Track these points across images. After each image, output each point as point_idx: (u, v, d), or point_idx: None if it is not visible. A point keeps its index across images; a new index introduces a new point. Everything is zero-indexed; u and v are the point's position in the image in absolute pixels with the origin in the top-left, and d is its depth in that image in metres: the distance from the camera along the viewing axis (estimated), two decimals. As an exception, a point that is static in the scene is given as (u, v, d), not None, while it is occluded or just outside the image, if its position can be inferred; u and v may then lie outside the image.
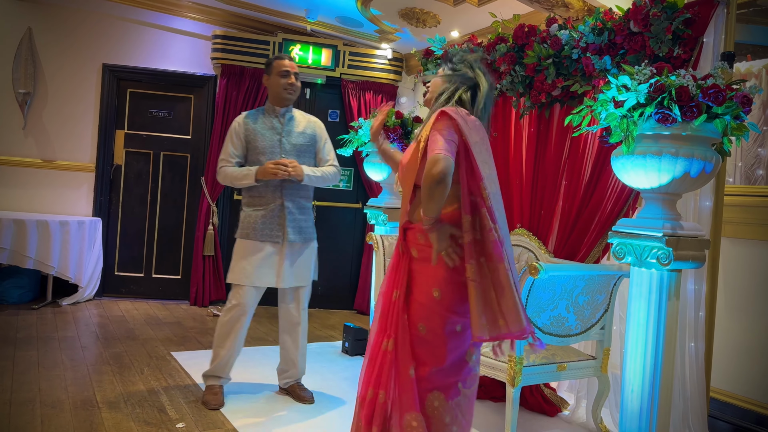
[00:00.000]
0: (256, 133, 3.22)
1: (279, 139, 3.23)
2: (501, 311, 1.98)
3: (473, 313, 1.99)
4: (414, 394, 2.04)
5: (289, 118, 3.30)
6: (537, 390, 3.36)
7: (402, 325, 2.09)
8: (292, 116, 3.32)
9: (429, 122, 2.09)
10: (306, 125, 3.34)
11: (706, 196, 2.72)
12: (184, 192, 5.71)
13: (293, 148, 3.25)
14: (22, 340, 3.98)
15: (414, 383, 2.05)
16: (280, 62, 3.24)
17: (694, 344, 2.71)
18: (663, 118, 2.25)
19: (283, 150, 3.22)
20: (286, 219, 3.19)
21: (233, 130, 3.25)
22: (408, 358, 2.07)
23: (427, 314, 2.08)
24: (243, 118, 3.28)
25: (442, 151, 1.95)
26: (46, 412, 2.84)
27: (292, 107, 3.36)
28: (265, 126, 3.24)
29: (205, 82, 5.69)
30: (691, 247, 2.39)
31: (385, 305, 2.16)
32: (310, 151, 3.33)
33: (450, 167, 1.94)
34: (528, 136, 3.57)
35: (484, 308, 1.98)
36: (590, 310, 2.93)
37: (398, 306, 2.11)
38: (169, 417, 2.90)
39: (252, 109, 3.35)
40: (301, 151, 3.28)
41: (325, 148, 3.38)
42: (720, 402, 3.17)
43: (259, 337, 4.56)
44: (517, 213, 3.63)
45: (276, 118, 3.27)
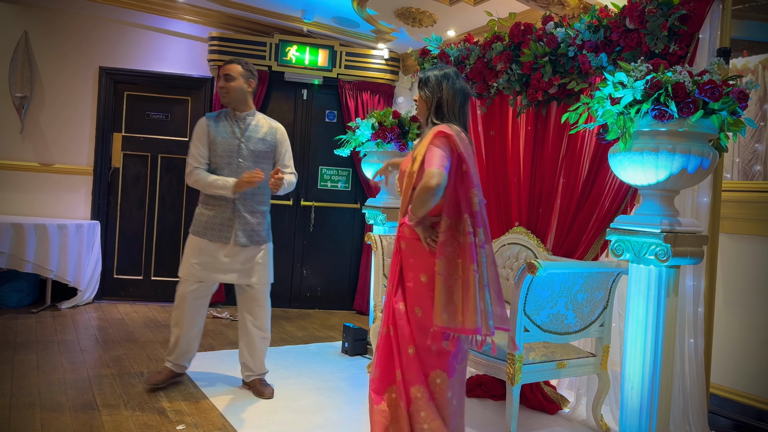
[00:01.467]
0: (217, 136, 3.25)
1: (238, 144, 3.25)
2: (462, 309, 2.23)
3: (436, 304, 2.27)
4: (417, 369, 2.32)
5: (249, 122, 3.31)
6: (537, 388, 3.36)
7: (396, 313, 2.39)
8: (253, 121, 3.33)
9: (426, 139, 2.35)
10: (267, 131, 3.34)
11: (704, 192, 2.73)
12: (182, 194, 5.70)
13: (251, 154, 3.26)
14: (22, 344, 3.97)
15: (414, 360, 2.33)
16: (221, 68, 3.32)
17: (694, 340, 2.71)
18: (660, 115, 2.25)
19: (240, 155, 3.24)
20: (236, 222, 3.24)
21: (200, 131, 3.28)
22: (406, 339, 2.35)
23: (419, 298, 2.36)
24: (206, 120, 3.31)
25: (439, 166, 2.24)
26: (47, 416, 2.84)
27: (256, 111, 3.37)
28: (226, 130, 3.26)
29: (202, 84, 5.68)
30: (689, 243, 2.39)
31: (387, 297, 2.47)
32: (268, 158, 3.34)
33: (444, 181, 2.24)
34: (525, 134, 3.57)
35: (447, 302, 2.25)
36: (589, 308, 2.93)
37: (390, 296, 2.43)
38: (170, 419, 2.89)
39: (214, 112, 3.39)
40: (259, 158, 3.29)
41: (285, 156, 3.39)
42: (720, 398, 3.17)
43: (259, 339, 4.56)
44: (515, 211, 3.63)
45: (236, 122, 3.29)
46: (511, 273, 3.56)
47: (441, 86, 2.44)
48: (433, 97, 2.44)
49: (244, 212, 3.25)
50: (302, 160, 5.84)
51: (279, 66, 5.66)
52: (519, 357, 2.71)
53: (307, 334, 4.86)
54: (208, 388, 3.36)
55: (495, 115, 3.73)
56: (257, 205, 3.31)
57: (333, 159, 5.77)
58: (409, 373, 2.33)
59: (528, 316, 2.74)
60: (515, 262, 3.54)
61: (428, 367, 2.33)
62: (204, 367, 3.73)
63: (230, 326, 4.91)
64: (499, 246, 3.69)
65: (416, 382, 2.31)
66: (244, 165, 3.24)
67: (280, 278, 5.85)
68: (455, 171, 2.31)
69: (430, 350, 2.33)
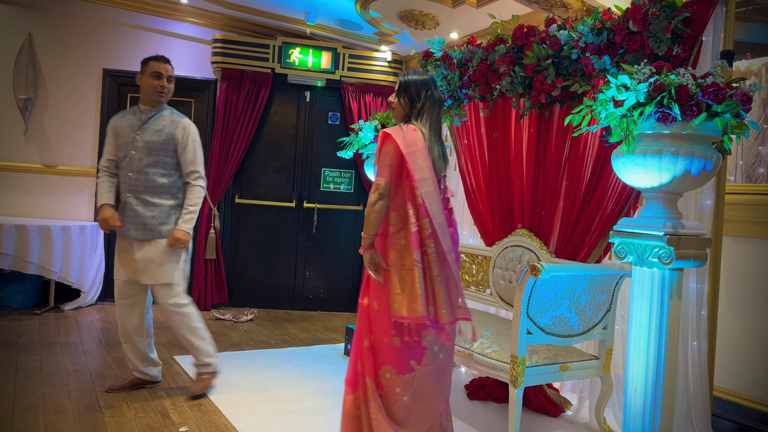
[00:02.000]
0: (119, 129, 3.26)
1: (134, 136, 3.21)
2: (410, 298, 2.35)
3: (390, 294, 2.40)
4: (369, 361, 2.44)
5: (151, 116, 3.25)
6: (540, 390, 3.36)
7: (360, 307, 2.54)
8: (157, 115, 3.27)
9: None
10: (166, 125, 3.25)
11: (707, 194, 2.72)
12: (185, 196, 5.70)
13: (145, 145, 3.19)
14: (25, 346, 3.98)
15: (368, 352, 2.45)
16: (154, 63, 3.29)
17: (697, 343, 2.71)
18: (663, 117, 2.25)
19: (135, 147, 3.19)
20: (126, 214, 3.19)
21: (108, 126, 3.32)
22: (363, 332, 2.49)
23: (378, 292, 2.48)
24: (116, 116, 3.33)
25: (379, 177, 2.44)
26: (50, 417, 2.85)
27: (167, 108, 3.32)
28: (127, 123, 3.26)
29: (206, 86, 5.70)
30: (692, 246, 2.38)
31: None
32: (165, 151, 3.22)
33: (385, 188, 2.43)
34: (528, 136, 3.57)
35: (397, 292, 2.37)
36: (592, 310, 2.92)
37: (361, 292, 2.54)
38: (172, 421, 2.90)
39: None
40: (153, 150, 3.20)
41: (186, 152, 3.26)
42: (723, 401, 3.16)
43: (262, 341, 4.56)
44: (518, 214, 3.63)
45: (137, 116, 3.27)
46: (514, 275, 3.56)
47: (420, 95, 2.53)
48: (412, 105, 2.53)
49: (134, 204, 3.18)
50: (305, 162, 5.84)
51: (282, 68, 5.67)
52: (522, 359, 2.71)
53: (310, 336, 4.86)
54: (210, 389, 3.36)
55: (498, 118, 3.73)
56: (152, 197, 3.19)
57: (336, 161, 5.78)
58: (363, 365, 2.46)
59: (531, 318, 2.73)
60: (518, 264, 3.54)
61: (380, 361, 2.44)
62: (207, 368, 3.73)
63: (233, 328, 4.92)
64: (501, 248, 3.69)
65: (368, 374, 2.43)
66: (137, 157, 3.18)
67: (283, 280, 5.86)
68: (398, 168, 2.44)
69: (383, 345, 2.43)
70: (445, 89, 3.93)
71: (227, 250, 5.76)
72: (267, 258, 5.84)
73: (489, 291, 3.81)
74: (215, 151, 5.49)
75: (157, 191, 3.21)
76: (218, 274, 5.60)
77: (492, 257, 3.76)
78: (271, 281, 5.86)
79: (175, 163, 3.26)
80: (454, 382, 3.80)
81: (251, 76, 5.57)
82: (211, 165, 5.51)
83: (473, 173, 3.95)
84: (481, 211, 3.91)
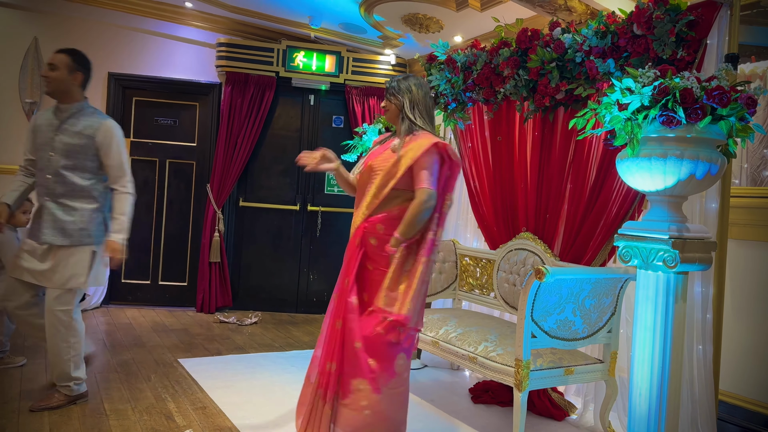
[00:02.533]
0: (37, 128, 3.10)
1: (52, 136, 3.05)
2: (402, 297, 2.48)
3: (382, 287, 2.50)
4: (360, 362, 2.47)
5: (71, 115, 3.07)
6: (544, 394, 3.35)
7: (348, 306, 2.53)
8: (76, 114, 3.08)
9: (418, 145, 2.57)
10: (87, 126, 3.05)
11: (712, 198, 2.72)
12: (189, 199, 5.73)
13: (64, 147, 3.02)
14: (30, 349, 3.99)
15: (359, 354, 2.47)
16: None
17: (702, 347, 2.70)
18: (667, 121, 2.25)
19: (53, 149, 3.02)
20: (42, 218, 3.01)
21: (29, 124, 3.17)
22: (354, 334, 2.49)
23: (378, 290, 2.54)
24: (37, 112, 3.16)
25: (432, 186, 2.53)
26: (55, 420, 2.85)
27: (89, 107, 3.14)
28: (46, 122, 3.09)
29: (210, 90, 5.72)
30: (697, 249, 2.38)
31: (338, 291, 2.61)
32: (85, 155, 3.04)
33: (435, 200, 2.54)
34: (532, 139, 3.57)
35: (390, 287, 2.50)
36: (597, 314, 2.92)
37: (345, 289, 2.56)
38: (177, 424, 2.90)
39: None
40: (72, 153, 3.02)
41: (110, 157, 3.07)
42: (729, 405, 3.15)
43: (267, 344, 4.57)
44: (522, 217, 3.63)
45: (56, 114, 3.09)
46: (518, 278, 3.55)
47: (411, 88, 2.70)
48: (405, 99, 2.68)
49: (53, 208, 3.00)
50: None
51: (286, 72, 5.68)
52: (526, 363, 2.70)
53: (314, 339, 4.86)
54: (215, 392, 3.37)
55: (502, 121, 3.73)
56: (72, 201, 3.01)
57: (340, 164, 5.78)
58: (349, 366, 2.49)
59: (535, 322, 2.73)
60: (522, 267, 3.53)
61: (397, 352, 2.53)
62: (211, 371, 3.74)
63: (237, 331, 4.93)
64: (506, 252, 3.69)
65: (358, 375, 2.48)
66: (54, 159, 3.00)
67: (287, 284, 5.86)
68: (443, 175, 2.61)
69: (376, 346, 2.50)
70: (449, 93, 3.93)
71: (231, 253, 5.77)
72: (271, 261, 5.85)
73: (493, 294, 3.81)
74: (220, 154, 5.50)
75: (77, 195, 3.03)
76: (222, 276, 5.61)
77: (496, 260, 3.76)
78: (275, 284, 5.87)
79: (97, 166, 3.07)
80: (459, 386, 3.80)
81: (256, 80, 5.59)
82: (215, 168, 5.53)
83: (477, 176, 3.96)
84: (485, 214, 3.91)
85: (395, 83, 2.73)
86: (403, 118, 2.69)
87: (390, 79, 2.79)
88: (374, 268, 2.60)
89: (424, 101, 2.71)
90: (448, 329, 3.31)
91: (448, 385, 3.80)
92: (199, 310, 5.53)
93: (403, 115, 2.69)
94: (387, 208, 2.62)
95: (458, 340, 3.18)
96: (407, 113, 2.68)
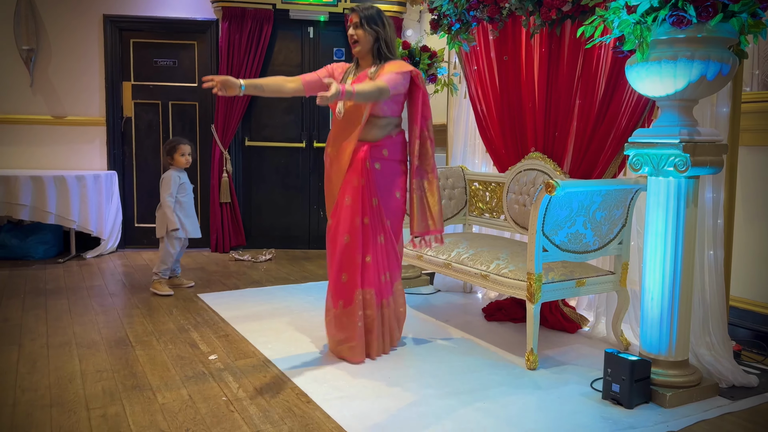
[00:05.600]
0: None
1: None
2: (432, 215, 2.92)
3: (414, 216, 2.92)
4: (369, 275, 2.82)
5: None
6: (556, 309, 3.42)
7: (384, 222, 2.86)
8: None
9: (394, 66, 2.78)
10: None
11: (723, 102, 2.67)
12: (195, 141, 5.71)
13: None
14: (52, 291, 4.09)
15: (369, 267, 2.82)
16: None
17: (713, 252, 2.72)
18: (677, 21, 2.19)
19: None
20: None
21: None
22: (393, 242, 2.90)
23: (394, 213, 2.90)
24: None
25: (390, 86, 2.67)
26: (83, 352, 2.95)
27: None
28: None
29: (207, 27, 5.60)
30: (708, 153, 2.37)
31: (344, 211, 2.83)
32: None
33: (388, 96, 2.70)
34: (539, 56, 3.50)
35: (421, 214, 2.92)
36: (608, 226, 2.94)
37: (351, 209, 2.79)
38: (201, 351, 3.00)
39: None
40: None
41: None
42: (740, 309, 3.20)
43: (282, 278, 4.65)
44: (531, 136, 3.60)
45: None
46: (528, 199, 3.56)
47: (385, 23, 2.83)
48: (382, 32, 2.82)
49: None
50: (312, 102, 5.79)
51: (283, 3, 5.54)
52: (538, 276, 2.74)
53: (328, 271, 4.93)
54: (236, 321, 3.46)
55: (507, 39, 3.65)
56: None
57: (344, 98, 5.71)
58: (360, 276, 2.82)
59: (546, 236, 2.75)
60: (532, 188, 3.53)
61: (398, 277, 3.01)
62: (230, 303, 3.83)
63: (252, 267, 5.01)
64: (515, 173, 3.68)
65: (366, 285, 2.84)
66: None
67: (298, 221, 5.91)
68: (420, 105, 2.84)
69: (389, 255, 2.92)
70: (453, 13, 3.83)
71: (241, 193, 5.80)
72: (281, 199, 5.88)
73: (503, 217, 3.83)
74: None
75: None
76: (234, 216, 5.66)
77: (506, 183, 3.76)
78: (287, 222, 5.91)
79: None
80: (472, 306, 3.87)
81: (252, 14, 5.46)
82: (218, 108, 5.48)
83: (484, 99, 3.91)
84: (492, 138, 3.88)
85: (372, 11, 2.82)
86: (378, 50, 2.84)
87: (357, 6, 2.86)
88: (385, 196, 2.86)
89: (393, 38, 2.89)
90: (460, 251, 3.35)
91: (462, 307, 3.88)
92: (214, 250, 5.61)
93: (379, 47, 2.84)
94: (386, 133, 2.88)
95: (470, 260, 3.22)
96: (383, 47, 2.84)
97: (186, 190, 4.20)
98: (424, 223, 2.92)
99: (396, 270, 2.97)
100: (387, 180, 2.87)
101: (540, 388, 2.60)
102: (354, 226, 2.79)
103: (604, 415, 2.33)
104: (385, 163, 2.87)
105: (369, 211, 2.82)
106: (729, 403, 2.47)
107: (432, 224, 2.92)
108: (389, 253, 2.91)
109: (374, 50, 2.85)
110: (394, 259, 2.94)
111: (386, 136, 2.88)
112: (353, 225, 2.79)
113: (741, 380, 2.62)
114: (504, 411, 2.36)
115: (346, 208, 2.81)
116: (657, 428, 2.24)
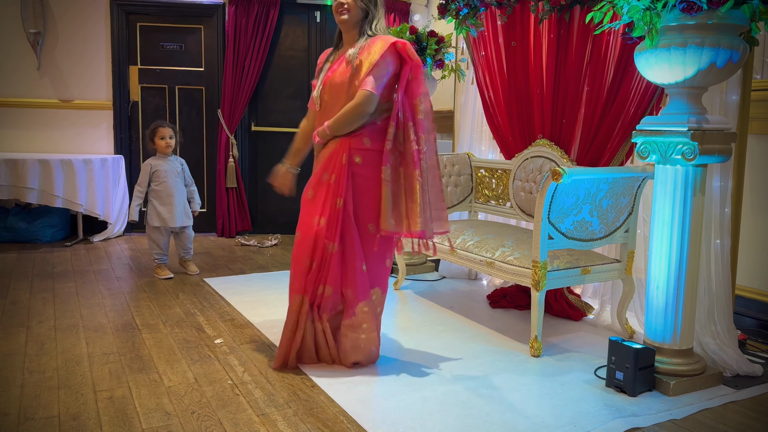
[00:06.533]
0: None
1: None
2: (407, 213, 2.45)
3: (383, 210, 2.47)
4: (366, 285, 2.53)
5: None
6: (561, 296, 3.42)
7: (349, 228, 2.50)
8: None
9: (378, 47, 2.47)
10: None
11: (733, 90, 2.65)
12: (201, 125, 5.71)
13: None
14: (60, 274, 4.12)
15: (366, 276, 2.53)
16: None
17: (720, 241, 2.70)
18: (688, 7, 2.17)
19: None
20: None
21: None
22: (359, 256, 2.51)
23: (375, 214, 2.53)
24: None
25: (374, 88, 2.43)
26: (90, 335, 2.98)
27: None
28: None
29: (214, 11, 5.58)
30: (717, 141, 2.35)
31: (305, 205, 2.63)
32: None
33: (374, 104, 2.45)
34: (548, 42, 3.47)
35: (393, 209, 2.47)
36: (614, 214, 2.93)
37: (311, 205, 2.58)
38: (207, 334, 3.02)
39: None
40: None
41: None
42: (745, 299, 3.20)
43: (288, 263, 4.66)
44: (538, 124, 3.58)
45: None
46: (534, 186, 3.55)
47: (378, 3, 2.58)
48: (374, 10, 2.56)
49: None
50: (319, 86, 5.77)
51: (291, -12, 5.51)
52: (543, 264, 2.74)
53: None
54: (242, 306, 3.48)
55: (516, 25, 3.62)
56: None
57: (350, 83, 5.68)
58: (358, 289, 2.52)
59: (552, 223, 2.75)
60: (538, 175, 3.52)
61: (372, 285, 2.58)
62: (236, 288, 3.85)
63: (258, 252, 5.02)
64: (521, 160, 3.67)
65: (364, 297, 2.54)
66: None
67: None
68: (407, 79, 2.48)
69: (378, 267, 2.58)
70: (460, -2, 3.80)
71: (247, 178, 5.80)
72: (287, 184, 5.87)
73: (509, 204, 3.82)
74: (228, 78, 5.43)
75: None
76: (240, 201, 5.67)
77: (512, 170, 3.75)
78: (293, 207, 5.88)
79: None
80: (477, 293, 3.88)
81: (260, -2, 5.44)
82: (225, 93, 5.47)
83: (491, 86, 3.88)
84: (500, 124, 3.87)
85: None
86: (365, 25, 2.56)
87: None
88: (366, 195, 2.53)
89: (383, 24, 2.62)
90: (465, 238, 3.35)
91: (466, 293, 3.88)
92: (220, 234, 5.63)
93: (367, 23, 2.56)
94: (370, 120, 2.52)
95: (475, 247, 3.22)
96: (372, 23, 2.57)
97: (162, 177, 4.06)
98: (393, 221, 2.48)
99: (359, 287, 2.51)
100: (367, 177, 2.52)
101: (544, 375, 2.60)
102: (306, 224, 2.57)
103: (607, 403, 2.34)
104: (367, 155, 2.52)
105: (327, 212, 2.51)
106: (733, 392, 2.47)
107: (407, 225, 2.46)
108: (346, 268, 2.51)
109: (360, 27, 2.57)
110: (354, 275, 2.50)
111: (369, 122, 2.53)
112: (307, 223, 2.56)
113: (745, 369, 2.62)
114: (508, 397, 2.37)
115: (307, 202, 2.61)
116: (660, 416, 2.24)
